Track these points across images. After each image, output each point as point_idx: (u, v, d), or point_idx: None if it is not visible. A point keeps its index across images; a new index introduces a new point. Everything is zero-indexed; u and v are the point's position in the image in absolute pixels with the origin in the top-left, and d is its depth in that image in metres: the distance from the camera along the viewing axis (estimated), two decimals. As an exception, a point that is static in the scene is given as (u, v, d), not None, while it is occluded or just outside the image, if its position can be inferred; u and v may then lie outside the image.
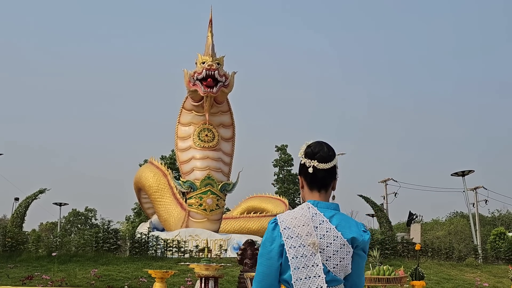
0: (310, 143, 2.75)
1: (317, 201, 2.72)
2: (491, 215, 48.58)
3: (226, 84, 17.53)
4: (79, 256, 15.13)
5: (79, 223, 60.60)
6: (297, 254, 2.59)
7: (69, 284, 11.24)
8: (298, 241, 2.60)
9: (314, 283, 2.55)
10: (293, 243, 2.60)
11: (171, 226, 19.06)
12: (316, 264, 2.56)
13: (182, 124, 18.55)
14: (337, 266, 2.60)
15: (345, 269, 2.64)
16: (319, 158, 2.69)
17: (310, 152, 2.71)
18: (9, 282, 11.23)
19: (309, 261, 2.57)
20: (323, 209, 2.69)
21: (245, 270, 7.43)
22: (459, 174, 27.67)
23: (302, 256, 2.58)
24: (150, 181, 20.93)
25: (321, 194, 2.74)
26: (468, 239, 35.08)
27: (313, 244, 2.57)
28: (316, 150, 2.71)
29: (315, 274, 2.55)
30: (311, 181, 2.73)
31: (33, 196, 19.81)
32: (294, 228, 2.63)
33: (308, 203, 2.71)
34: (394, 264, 12.59)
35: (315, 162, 2.68)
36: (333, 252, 2.59)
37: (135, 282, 11.80)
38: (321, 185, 2.73)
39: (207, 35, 18.54)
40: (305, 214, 2.65)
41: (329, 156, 2.71)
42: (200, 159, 17.95)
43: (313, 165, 2.68)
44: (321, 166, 2.68)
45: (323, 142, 2.76)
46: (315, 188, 2.74)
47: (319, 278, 2.55)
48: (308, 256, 2.57)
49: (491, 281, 15.20)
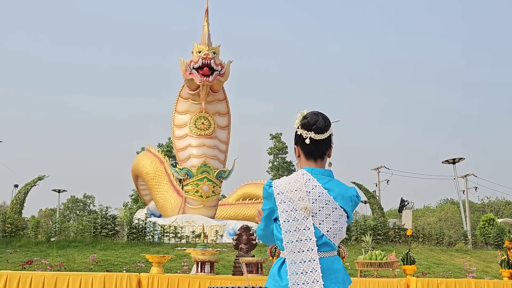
0: (306, 114, 2.75)
1: (312, 168, 2.74)
2: (480, 202, 48.87)
3: (222, 73, 17.49)
4: (77, 241, 15.13)
5: (78, 210, 60.63)
6: (289, 218, 2.61)
7: (68, 268, 11.24)
8: (290, 205, 2.62)
9: (305, 246, 2.57)
10: (286, 207, 2.63)
11: (168, 212, 19.09)
12: (308, 227, 2.59)
13: (179, 112, 18.51)
14: (331, 229, 2.63)
15: (339, 234, 2.67)
16: (316, 129, 2.70)
17: (307, 124, 2.72)
18: (8, 267, 11.23)
19: (300, 224, 2.59)
20: (317, 175, 2.71)
21: (241, 255, 7.44)
22: (450, 162, 27.77)
23: (294, 219, 2.60)
24: (147, 168, 20.94)
25: (317, 162, 2.76)
26: (458, 225, 35.32)
27: (305, 208, 2.60)
28: (313, 121, 2.72)
29: (306, 237, 2.58)
30: (308, 151, 2.75)
31: (32, 183, 19.76)
32: (287, 193, 2.64)
33: (303, 170, 2.74)
34: (386, 249, 12.65)
35: (312, 133, 2.70)
36: (325, 216, 2.62)
37: (132, 266, 11.81)
38: (317, 154, 2.75)
39: (203, 24, 18.45)
40: (298, 180, 2.67)
41: (325, 127, 2.73)
42: (196, 146, 17.93)
43: (309, 136, 2.69)
44: (318, 137, 2.70)
45: (318, 113, 2.75)
46: (311, 157, 2.76)
47: (310, 241, 2.57)
48: (300, 220, 2.60)
49: (480, 265, 15.30)
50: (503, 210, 45.83)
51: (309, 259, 2.54)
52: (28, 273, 6.46)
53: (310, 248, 2.55)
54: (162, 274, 6.75)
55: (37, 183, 19.97)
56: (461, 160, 27.60)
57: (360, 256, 8.87)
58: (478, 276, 12.46)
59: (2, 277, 6.23)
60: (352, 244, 16.51)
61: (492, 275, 13.00)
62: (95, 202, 61.58)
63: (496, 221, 24.30)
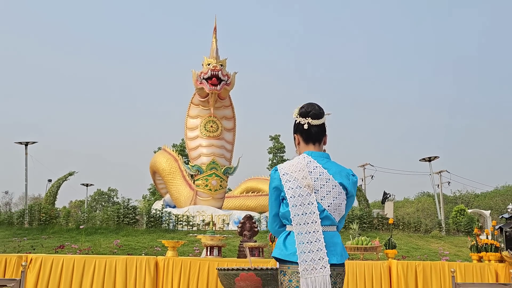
0: (302, 105, 2.78)
1: (311, 151, 2.75)
2: (453, 194, 48.72)
3: (228, 82, 17.48)
4: (103, 229, 15.15)
5: (103, 201, 60.59)
6: (295, 194, 2.61)
7: (94, 252, 11.26)
8: (295, 183, 2.63)
9: (310, 218, 2.57)
10: (291, 185, 2.63)
11: (181, 204, 19.08)
12: (311, 202, 2.59)
13: (191, 116, 18.52)
14: (331, 204, 2.63)
15: (339, 209, 2.67)
16: (312, 115, 2.73)
17: (304, 112, 2.75)
18: (43, 251, 11.25)
19: (305, 199, 2.59)
20: (317, 157, 2.72)
21: (244, 241, 7.44)
22: (426, 160, 27.69)
23: (299, 195, 2.60)
24: (164, 165, 20.93)
25: (315, 147, 2.77)
26: (434, 215, 35.22)
27: (308, 185, 2.61)
28: (309, 109, 2.75)
29: (310, 211, 2.58)
30: (306, 136, 2.76)
31: (64, 178, 19.79)
32: (292, 173, 2.66)
33: (304, 154, 2.75)
34: (370, 236, 12.63)
35: (309, 119, 2.72)
36: (326, 192, 2.62)
37: (150, 250, 11.82)
38: (315, 138, 2.76)
39: (212, 40, 18.44)
40: (301, 162, 2.69)
41: (320, 114, 2.76)
42: (206, 146, 17.93)
43: (307, 122, 2.72)
44: (315, 122, 2.72)
45: (313, 103, 2.79)
46: (310, 141, 2.77)
47: (314, 214, 2.58)
48: (304, 195, 2.60)
49: (453, 250, 15.27)
50: (473, 202, 45.70)
51: (313, 230, 2.54)
52: (60, 256, 6.48)
53: (314, 221, 2.56)
54: (176, 257, 6.76)
55: (68, 178, 20.01)
56: (436, 158, 27.52)
57: (348, 241, 8.90)
58: (450, 259, 12.43)
59: (38, 260, 6.25)
60: (341, 232, 16.46)
61: (463, 258, 12.98)
62: (118, 194, 61.62)
63: (466, 211, 24.19)
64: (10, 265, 6.12)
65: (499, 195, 45.13)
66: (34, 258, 6.26)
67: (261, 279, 3.77)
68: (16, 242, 12.51)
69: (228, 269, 3.86)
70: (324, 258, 2.50)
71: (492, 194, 46.50)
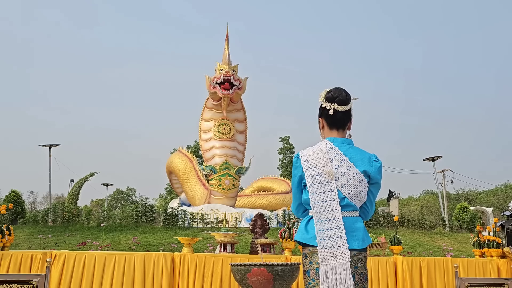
0: (330, 89, 2.65)
1: (333, 138, 2.64)
2: (456, 192, 48.29)
3: (240, 87, 17.50)
4: (122, 226, 15.23)
5: (122, 200, 60.91)
6: (315, 181, 2.54)
7: (114, 248, 11.33)
8: (316, 170, 2.55)
9: (330, 206, 2.50)
10: (312, 172, 2.55)
11: (196, 202, 19.13)
12: (332, 190, 2.51)
13: (205, 119, 18.57)
14: (352, 192, 2.53)
15: (360, 196, 2.57)
16: (339, 102, 2.61)
17: (331, 97, 2.63)
18: (66, 247, 11.35)
19: (325, 187, 2.52)
20: (339, 144, 2.62)
21: (256, 237, 7.44)
22: (430, 159, 27.51)
23: (320, 183, 2.53)
24: (179, 166, 21.01)
25: (338, 133, 2.66)
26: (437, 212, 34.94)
27: (329, 173, 2.52)
28: (336, 94, 2.63)
29: (330, 198, 2.51)
30: (331, 122, 2.65)
31: (85, 178, 20.00)
32: (313, 160, 2.57)
33: (326, 140, 2.64)
34: (376, 233, 12.56)
35: (335, 105, 2.61)
36: (346, 180, 2.53)
37: (167, 247, 11.87)
38: (339, 124, 2.65)
39: (224, 47, 18.48)
40: (322, 149, 2.59)
41: (347, 100, 2.63)
42: (219, 148, 17.97)
43: (333, 107, 2.61)
44: (340, 108, 2.61)
45: (340, 88, 2.65)
46: (334, 127, 2.66)
47: (334, 202, 2.50)
48: (324, 183, 2.52)
49: (456, 246, 15.14)
50: (475, 200, 45.26)
51: (333, 217, 2.47)
52: (82, 252, 6.53)
53: (334, 208, 2.48)
54: (191, 253, 6.78)
55: (89, 179, 20.21)
56: (440, 158, 27.34)
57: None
58: (454, 255, 12.32)
59: (61, 256, 6.30)
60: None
61: (466, 254, 12.86)
62: (136, 193, 61.94)
63: (469, 208, 23.95)
64: (36, 261, 6.18)
65: (501, 193, 44.63)
66: (58, 255, 6.31)
67: (272, 274, 3.77)
68: (41, 239, 12.63)
69: (240, 264, 3.87)
70: (344, 245, 2.42)
71: (494, 192, 46.00)
